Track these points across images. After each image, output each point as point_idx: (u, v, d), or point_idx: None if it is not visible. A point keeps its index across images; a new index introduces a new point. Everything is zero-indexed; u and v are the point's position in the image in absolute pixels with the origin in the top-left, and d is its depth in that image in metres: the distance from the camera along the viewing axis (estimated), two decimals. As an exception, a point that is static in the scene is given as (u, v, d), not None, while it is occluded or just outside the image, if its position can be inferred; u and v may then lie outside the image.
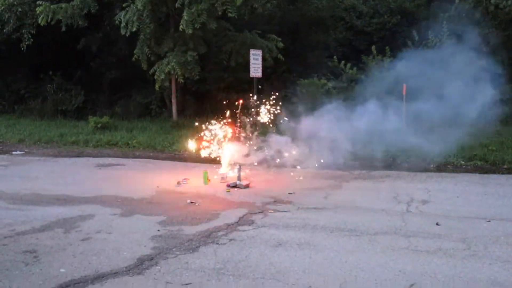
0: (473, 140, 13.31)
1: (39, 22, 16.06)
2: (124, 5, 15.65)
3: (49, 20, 15.96)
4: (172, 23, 16.22)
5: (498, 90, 15.86)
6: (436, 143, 13.28)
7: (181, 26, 14.51)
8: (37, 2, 16.14)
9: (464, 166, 11.71)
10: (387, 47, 18.85)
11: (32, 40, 17.53)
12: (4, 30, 17.87)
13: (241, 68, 16.90)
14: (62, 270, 5.25)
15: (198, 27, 14.57)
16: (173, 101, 17.70)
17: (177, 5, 14.60)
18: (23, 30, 17.64)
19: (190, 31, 14.52)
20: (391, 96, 15.94)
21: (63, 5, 15.97)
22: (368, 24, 22.09)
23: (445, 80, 16.68)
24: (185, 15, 14.37)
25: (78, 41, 19.45)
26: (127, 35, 15.60)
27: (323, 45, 21.27)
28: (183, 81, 16.25)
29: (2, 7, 17.35)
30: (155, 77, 15.86)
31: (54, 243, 6.14)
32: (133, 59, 16.31)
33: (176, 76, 15.79)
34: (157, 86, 16.12)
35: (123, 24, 15.42)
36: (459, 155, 12.22)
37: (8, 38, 18.51)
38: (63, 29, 16.56)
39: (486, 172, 11.05)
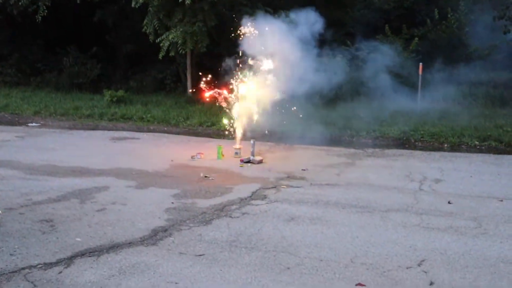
0: (488, 121, 13.24)
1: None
2: None
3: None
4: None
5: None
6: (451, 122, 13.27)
7: None
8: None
9: (478, 147, 11.65)
10: (403, 25, 18.64)
11: (47, 12, 17.58)
12: (20, 3, 17.92)
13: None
14: (78, 239, 5.35)
15: None
16: (188, 76, 17.72)
17: None
18: (39, 3, 17.68)
19: (189, 2, 14.45)
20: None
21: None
22: (386, 1, 21.81)
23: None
24: None
25: (94, 14, 19.48)
26: (136, 7, 15.57)
27: (340, 23, 21.05)
28: (185, 51, 16.18)
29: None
30: (161, 45, 15.88)
31: (70, 213, 6.24)
32: (143, 30, 16.32)
33: (179, 47, 15.75)
34: (160, 55, 16.11)
35: None
36: (473, 135, 12.14)
37: (24, 11, 18.57)
38: (78, 1, 16.59)
39: (500, 153, 10.99)
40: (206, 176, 8.28)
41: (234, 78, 10.06)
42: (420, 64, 15.26)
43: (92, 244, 5.21)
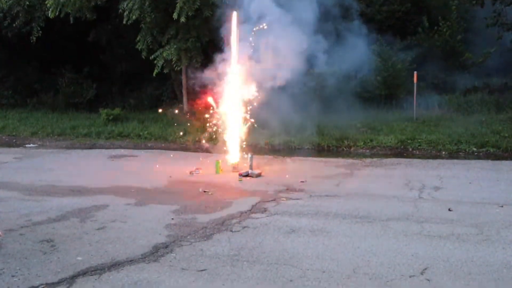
0: (485, 127, 13.28)
1: (49, 15, 16.15)
2: None
3: (57, 13, 16.04)
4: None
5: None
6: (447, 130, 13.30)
7: (174, 14, 14.48)
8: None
9: (476, 153, 11.67)
10: (397, 35, 18.74)
11: (41, 32, 17.64)
12: (14, 25, 17.99)
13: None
14: (79, 258, 5.32)
15: (191, 14, 14.52)
16: (184, 92, 17.75)
17: None
18: (33, 24, 17.75)
19: (183, 20, 14.49)
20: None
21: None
22: (378, 12, 21.94)
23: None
24: (179, 2, 14.39)
25: (88, 34, 19.55)
26: (129, 24, 15.60)
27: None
28: (179, 68, 16.21)
29: (11, 1, 17.43)
30: (155, 62, 15.91)
31: (70, 232, 6.22)
32: (136, 47, 16.34)
33: (173, 64, 15.78)
34: (154, 73, 16.13)
35: (126, 13, 15.46)
36: (471, 142, 12.16)
37: (18, 32, 18.65)
38: (72, 21, 16.64)
39: (498, 159, 11.01)
40: (205, 191, 8.27)
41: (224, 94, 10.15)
42: (415, 72, 15.33)
43: (94, 262, 5.19)
